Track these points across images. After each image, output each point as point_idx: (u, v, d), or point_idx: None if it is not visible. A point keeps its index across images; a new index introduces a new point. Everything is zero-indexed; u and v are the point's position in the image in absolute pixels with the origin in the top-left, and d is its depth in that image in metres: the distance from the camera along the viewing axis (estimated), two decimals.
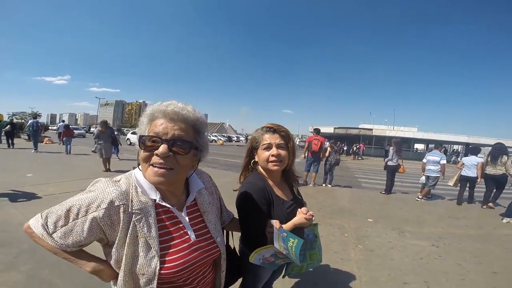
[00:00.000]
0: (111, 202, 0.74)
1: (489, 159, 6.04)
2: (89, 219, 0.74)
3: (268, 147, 1.35)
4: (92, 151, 9.86)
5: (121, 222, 0.75)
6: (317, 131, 7.41)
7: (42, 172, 6.53)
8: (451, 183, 6.68)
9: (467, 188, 6.49)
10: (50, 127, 23.40)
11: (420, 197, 6.57)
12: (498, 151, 5.95)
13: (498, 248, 3.46)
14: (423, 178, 6.72)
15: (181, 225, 0.86)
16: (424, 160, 6.84)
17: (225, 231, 1.24)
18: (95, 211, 0.73)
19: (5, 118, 16.52)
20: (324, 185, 7.67)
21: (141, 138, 0.78)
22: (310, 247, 1.45)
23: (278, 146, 1.34)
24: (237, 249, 1.42)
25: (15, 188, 4.77)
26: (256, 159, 1.42)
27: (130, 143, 17.89)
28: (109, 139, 7.47)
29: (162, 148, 0.73)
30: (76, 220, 0.75)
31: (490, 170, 6.00)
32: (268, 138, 1.36)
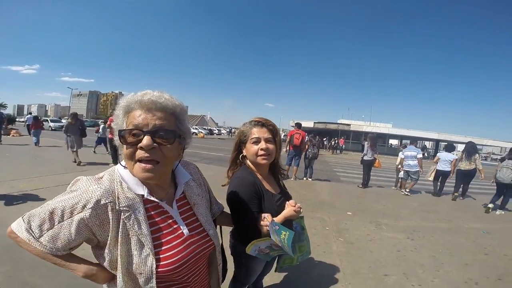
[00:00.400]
0: (97, 201, 0.70)
1: (464, 156, 6.66)
2: (75, 220, 0.70)
3: (257, 141, 1.35)
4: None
5: (111, 221, 0.71)
6: (298, 125, 7.46)
7: (11, 167, 6.03)
8: (429, 177, 7.16)
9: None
10: (17, 119, 21.44)
11: (406, 191, 6.86)
12: (472, 148, 6.63)
13: (467, 241, 3.68)
14: (402, 173, 7.08)
15: (172, 220, 0.83)
16: (402, 156, 7.13)
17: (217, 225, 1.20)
18: (81, 212, 0.69)
19: None
20: (304, 178, 7.78)
21: (120, 133, 0.72)
22: (298, 239, 1.46)
23: (267, 140, 1.35)
24: (225, 244, 1.41)
25: None
26: (244, 153, 1.42)
27: None
28: (77, 132, 7.33)
29: (146, 140, 0.69)
30: (62, 223, 0.70)
31: (464, 166, 6.62)
32: (256, 132, 1.36)
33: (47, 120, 23.92)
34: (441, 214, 5.12)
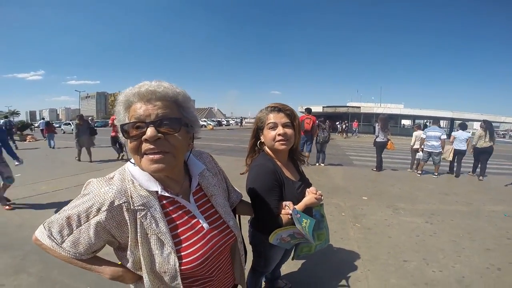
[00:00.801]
0: (111, 203, 0.69)
1: (487, 133, 6.47)
2: (92, 224, 0.69)
3: (274, 126, 1.32)
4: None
5: (128, 221, 0.70)
6: (308, 111, 7.34)
7: (31, 171, 6.22)
8: (449, 157, 6.94)
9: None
10: (33, 124, 22.09)
11: (435, 174, 6.73)
12: (492, 127, 6.58)
13: (489, 225, 3.59)
14: (421, 153, 6.88)
15: (191, 215, 0.80)
16: (424, 136, 6.82)
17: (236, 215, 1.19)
18: (97, 215, 0.69)
19: None
20: (317, 164, 7.75)
21: (122, 128, 0.70)
22: (317, 227, 1.44)
23: (284, 125, 1.32)
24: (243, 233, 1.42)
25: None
26: (262, 140, 1.39)
27: None
28: (87, 131, 7.71)
29: (150, 131, 0.66)
30: (80, 228, 0.71)
31: (482, 143, 6.49)
32: (273, 117, 1.33)
33: (59, 126, 24.59)
34: (460, 197, 4.99)
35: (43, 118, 18.27)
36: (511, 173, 7.85)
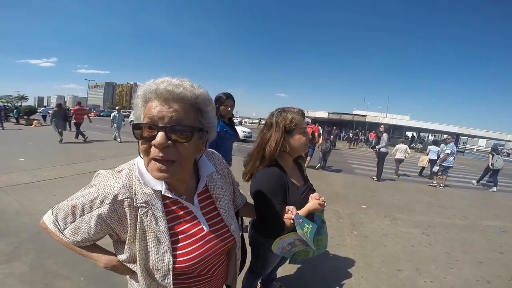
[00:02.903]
0: (115, 197, 0.70)
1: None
2: (94, 215, 0.71)
3: (305, 132, 1.35)
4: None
5: (128, 217, 0.71)
6: (309, 122, 7.76)
7: (34, 156, 6.31)
8: (424, 164, 8.97)
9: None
10: (38, 110, 22.61)
11: (441, 185, 7.37)
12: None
13: (483, 239, 3.67)
14: (437, 168, 7.51)
15: (192, 215, 0.80)
16: (448, 151, 7.40)
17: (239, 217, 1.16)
18: (100, 207, 0.70)
19: None
20: (318, 165, 8.16)
21: (135, 127, 0.67)
22: (317, 232, 1.44)
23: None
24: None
25: (7, 173, 4.57)
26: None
27: None
28: (62, 117, 9.61)
29: (160, 137, 0.63)
30: (82, 217, 0.73)
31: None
32: (304, 123, 1.35)
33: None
34: (458, 211, 5.07)
35: (45, 106, 18.77)
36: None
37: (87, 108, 12.71)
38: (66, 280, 2.09)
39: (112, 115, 10.85)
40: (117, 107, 10.99)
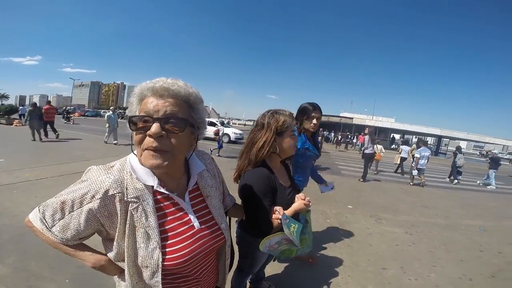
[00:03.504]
0: (106, 192, 0.70)
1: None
2: (84, 211, 0.70)
3: (294, 134, 1.36)
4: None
5: (119, 212, 0.71)
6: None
7: (15, 157, 6.05)
8: (396, 161, 10.11)
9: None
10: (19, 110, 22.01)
11: (421, 185, 7.77)
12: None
13: (464, 237, 3.79)
14: (416, 171, 7.68)
15: (183, 212, 0.80)
16: (418, 155, 7.70)
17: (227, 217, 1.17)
18: (90, 202, 0.70)
19: None
20: None
21: (131, 119, 0.71)
22: (301, 232, 1.46)
23: None
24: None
25: None
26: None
27: None
28: (37, 116, 9.47)
29: (154, 127, 0.67)
30: (72, 213, 0.71)
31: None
32: (293, 125, 1.36)
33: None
34: (440, 210, 5.21)
35: (23, 105, 18.21)
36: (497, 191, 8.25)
37: (71, 108, 12.33)
38: (51, 283, 2.02)
39: (106, 115, 10.26)
40: (111, 107, 10.63)
